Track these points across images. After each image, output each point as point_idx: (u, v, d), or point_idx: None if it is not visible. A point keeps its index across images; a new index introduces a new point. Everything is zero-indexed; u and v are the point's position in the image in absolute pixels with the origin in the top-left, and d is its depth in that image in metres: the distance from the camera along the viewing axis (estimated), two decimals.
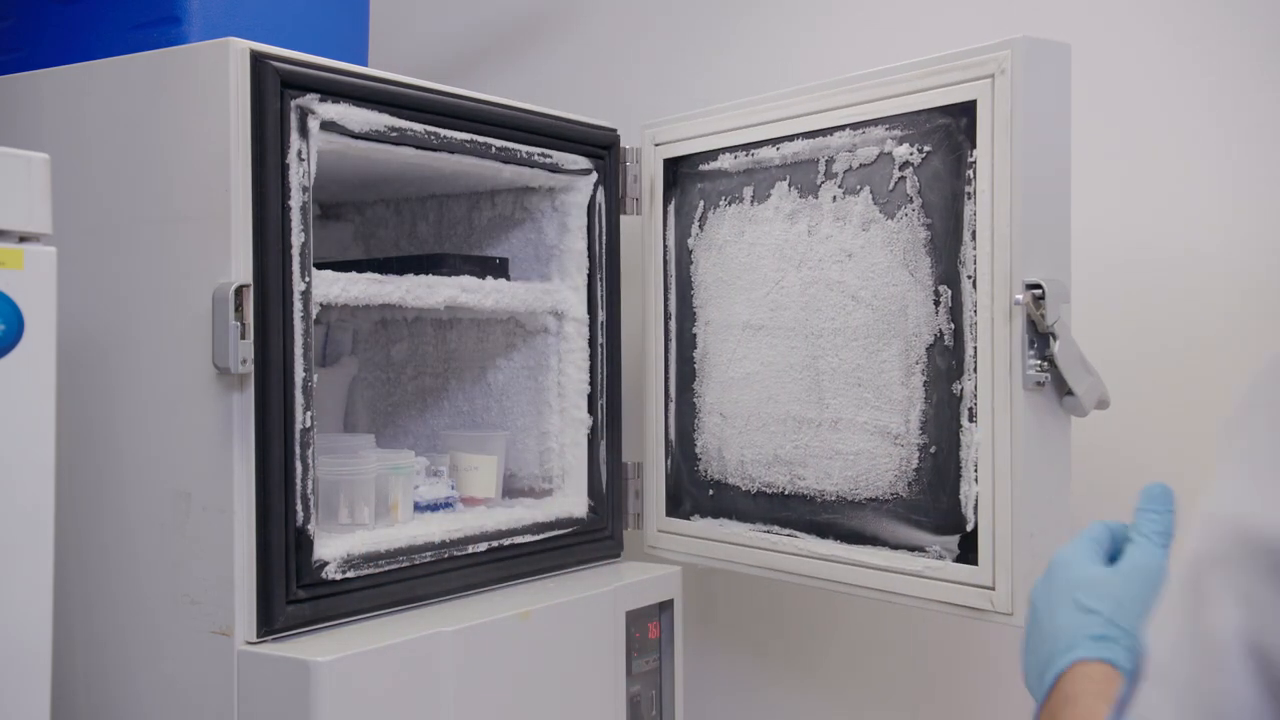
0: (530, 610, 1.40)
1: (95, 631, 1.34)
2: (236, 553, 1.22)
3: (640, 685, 1.56)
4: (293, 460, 1.25)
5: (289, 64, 1.25)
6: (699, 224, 1.62)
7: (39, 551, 1.07)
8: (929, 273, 1.34)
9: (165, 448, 1.28)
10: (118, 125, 1.32)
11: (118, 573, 1.32)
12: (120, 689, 1.33)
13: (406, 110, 1.38)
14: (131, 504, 1.30)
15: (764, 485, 1.53)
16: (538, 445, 1.68)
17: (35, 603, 1.07)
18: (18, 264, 1.05)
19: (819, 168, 1.46)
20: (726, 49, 1.94)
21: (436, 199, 1.79)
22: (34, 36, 1.50)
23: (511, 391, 1.72)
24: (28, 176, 1.07)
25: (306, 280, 1.26)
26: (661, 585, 1.60)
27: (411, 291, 1.43)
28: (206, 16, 1.40)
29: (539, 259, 1.68)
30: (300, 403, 1.25)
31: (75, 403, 1.28)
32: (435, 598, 1.41)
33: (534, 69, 2.14)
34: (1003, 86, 1.25)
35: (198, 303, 1.23)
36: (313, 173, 1.27)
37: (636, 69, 2.04)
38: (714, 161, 1.59)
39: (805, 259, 1.47)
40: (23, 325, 1.05)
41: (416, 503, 1.50)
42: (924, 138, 1.34)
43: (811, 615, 1.89)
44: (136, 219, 1.30)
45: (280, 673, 1.20)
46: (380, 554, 1.34)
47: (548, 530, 1.56)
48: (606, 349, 1.65)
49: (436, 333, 1.80)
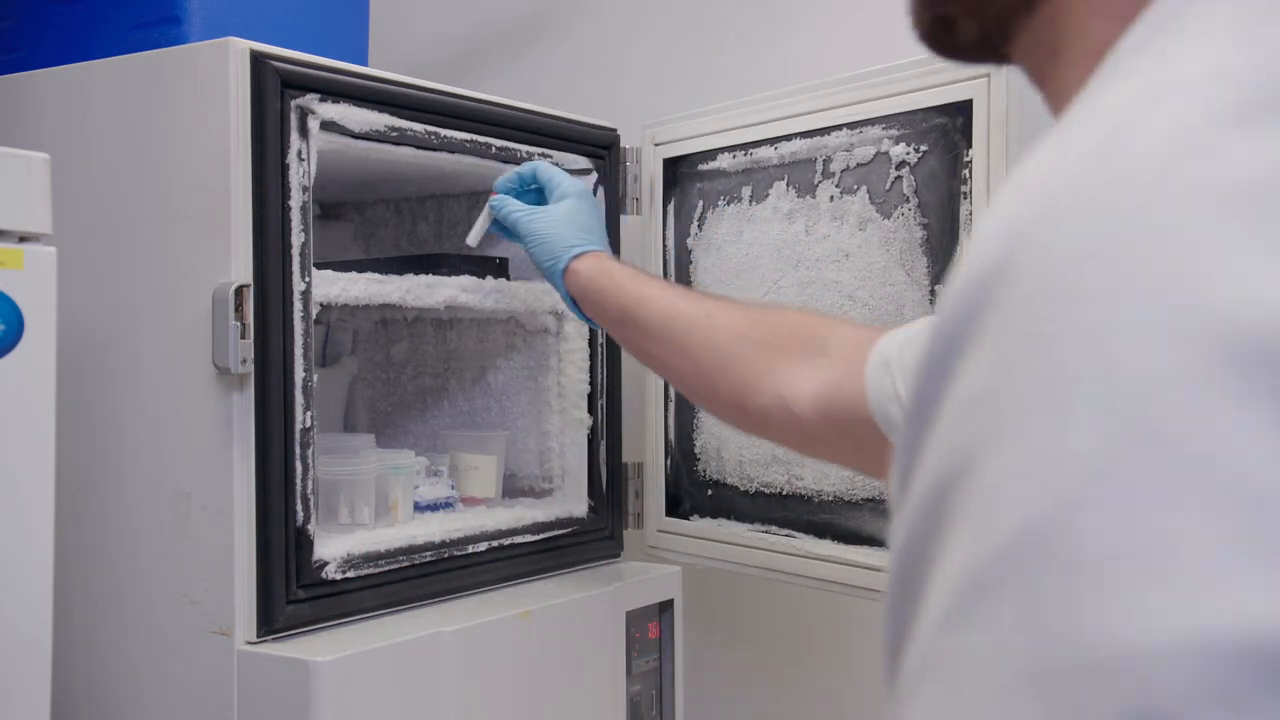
0: (530, 610, 1.40)
1: (95, 631, 1.34)
2: (236, 553, 1.23)
3: (640, 685, 1.56)
4: (293, 460, 1.25)
5: (289, 64, 1.26)
6: (698, 224, 1.62)
7: (39, 551, 1.07)
8: (925, 272, 1.34)
9: (165, 448, 1.28)
10: (118, 125, 1.33)
11: (118, 572, 1.32)
12: (120, 689, 1.33)
13: (406, 110, 1.38)
14: (131, 504, 1.31)
15: (762, 485, 1.53)
16: (538, 445, 1.68)
17: (35, 602, 1.07)
18: (18, 264, 1.05)
19: (816, 167, 1.46)
20: (726, 49, 1.94)
21: (436, 199, 1.79)
22: (34, 36, 1.51)
23: (511, 391, 1.72)
24: (28, 176, 1.08)
25: (306, 280, 1.26)
26: (661, 585, 1.60)
27: (411, 291, 1.43)
28: (206, 16, 1.40)
29: None
30: (300, 403, 1.25)
31: (75, 403, 1.28)
32: (435, 598, 1.41)
33: (534, 69, 2.14)
34: (998, 86, 1.25)
35: (198, 303, 1.23)
36: (313, 173, 1.27)
37: (636, 69, 2.04)
38: (713, 161, 1.59)
39: (803, 259, 1.47)
40: (23, 325, 1.05)
41: (416, 503, 1.50)
42: (920, 137, 1.34)
43: (811, 615, 1.89)
44: (136, 219, 1.30)
45: (280, 672, 1.20)
46: (380, 554, 1.35)
47: (548, 530, 1.56)
48: (606, 349, 1.65)
49: (436, 333, 1.80)
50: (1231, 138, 0.31)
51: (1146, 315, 0.30)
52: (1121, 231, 0.31)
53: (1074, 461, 0.30)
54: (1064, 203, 0.33)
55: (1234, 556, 0.28)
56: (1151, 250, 0.31)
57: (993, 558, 0.31)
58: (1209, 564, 0.28)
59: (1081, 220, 0.32)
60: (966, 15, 0.51)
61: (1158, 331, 0.30)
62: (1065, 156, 0.35)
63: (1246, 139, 0.31)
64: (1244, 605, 0.27)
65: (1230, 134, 0.32)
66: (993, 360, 0.33)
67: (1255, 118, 0.32)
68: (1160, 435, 0.29)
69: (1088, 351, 0.31)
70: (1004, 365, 0.32)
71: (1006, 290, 0.33)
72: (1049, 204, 0.33)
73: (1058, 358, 0.31)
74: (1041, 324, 0.32)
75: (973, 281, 0.34)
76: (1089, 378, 0.30)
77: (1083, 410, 0.30)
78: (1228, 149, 0.31)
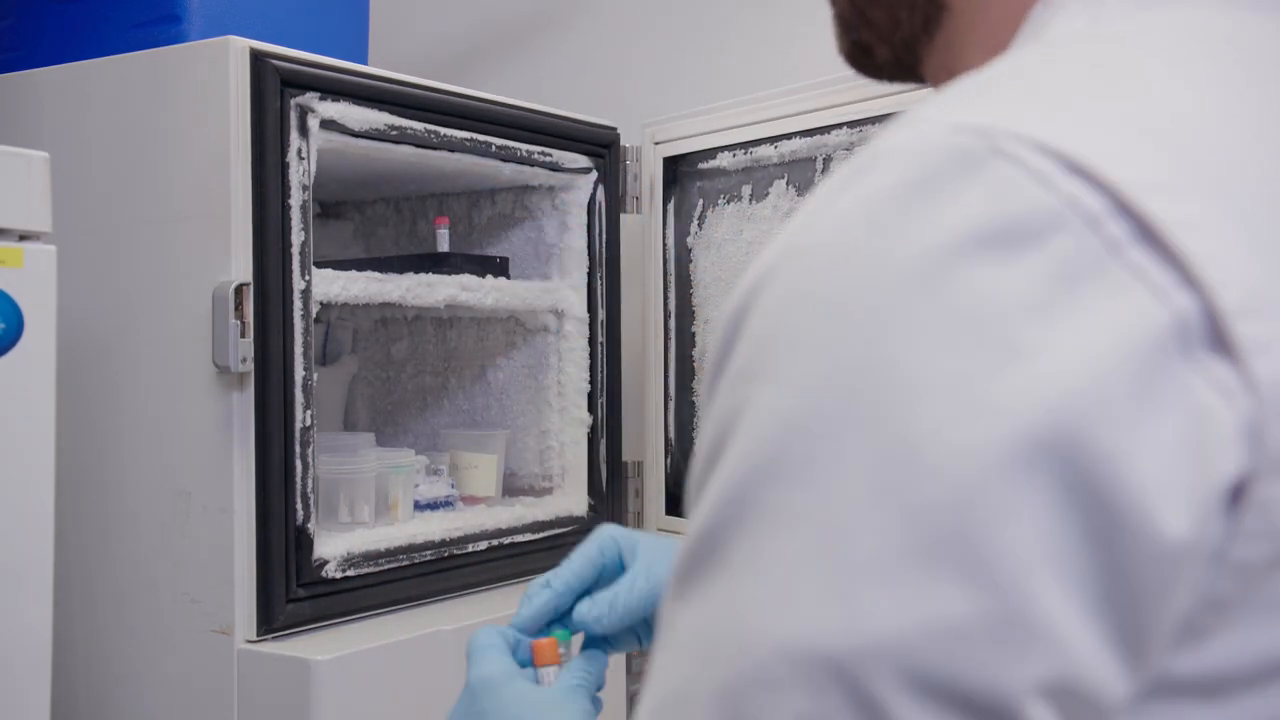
0: None
1: (96, 630, 1.34)
2: (236, 551, 1.22)
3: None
4: (293, 459, 1.25)
5: (289, 62, 1.26)
6: (698, 222, 1.62)
7: (39, 550, 1.07)
8: None
9: (165, 446, 1.28)
10: (118, 124, 1.32)
11: (118, 571, 1.32)
12: (121, 687, 1.33)
13: (406, 109, 1.38)
14: (132, 503, 1.31)
15: None
16: (538, 444, 1.68)
17: (36, 602, 1.07)
18: (18, 262, 1.05)
19: (816, 166, 1.46)
20: (726, 49, 1.94)
21: (436, 197, 1.79)
22: (34, 35, 1.51)
23: (511, 390, 1.72)
24: (28, 175, 1.08)
25: (306, 279, 1.26)
26: None
27: (411, 290, 1.43)
28: (206, 15, 1.40)
29: (539, 257, 1.68)
30: (300, 401, 1.25)
31: (75, 401, 1.28)
32: (435, 596, 1.41)
33: (534, 67, 2.14)
34: None
35: (198, 301, 1.23)
36: (313, 171, 1.27)
37: (636, 68, 2.04)
38: (713, 160, 1.59)
39: None
40: (23, 324, 1.05)
41: (416, 501, 1.50)
42: None
43: None
44: (136, 218, 1.30)
45: (280, 671, 1.20)
46: (380, 553, 1.34)
47: (547, 529, 1.56)
48: (606, 347, 1.65)
49: (437, 331, 1.80)
50: (893, 216, 0.36)
51: (805, 366, 0.36)
52: (800, 293, 0.38)
53: (727, 485, 0.37)
54: (778, 262, 0.39)
55: (807, 577, 0.35)
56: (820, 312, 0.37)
57: (692, 551, 0.39)
58: (791, 580, 0.35)
59: (782, 279, 0.39)
60: (879, 41, 0.56)
61: (804, 381, 0.36)
62: (798, 214, 0.41)
63: (908, 218, 0.36)
64: (803, 616, 0.35)
65: (893, 212, 0.36)
66: (725, 389, 0.40)
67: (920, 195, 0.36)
68: (784, 468, 0.36)
69: (761, 391, 0.37)
70: (728, 395, 0.39)
71: (745, 326, 0.40)
72: (771, 261, 0.40)
73: (739, 395, 0.38)
74: (748, 363, 0.39)
75: (729, 317, 0.41)
76: (753, 414, 0.37)
77: (744, 441, 0.37)
78: (888, 227, 0.36)
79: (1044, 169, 0.35)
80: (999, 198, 0.35)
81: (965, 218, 0.35)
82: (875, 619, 0.34)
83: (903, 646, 0.33)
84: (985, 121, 0.37)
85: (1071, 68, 0.41)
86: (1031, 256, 0.35)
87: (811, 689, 0.34)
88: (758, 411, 0.37)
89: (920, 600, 0.34)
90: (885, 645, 0.34)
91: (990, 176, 0.36)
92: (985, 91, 0.40)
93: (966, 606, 0.33)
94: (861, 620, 0.34)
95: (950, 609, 0.33)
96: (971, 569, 0.33)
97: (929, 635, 0.33)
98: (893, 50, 0.56)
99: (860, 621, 0.34)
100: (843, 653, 0.34)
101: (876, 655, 0.34)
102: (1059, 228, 0.35)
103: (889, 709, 0.33)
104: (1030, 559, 0.33)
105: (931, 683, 0.33)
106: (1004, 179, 0.36)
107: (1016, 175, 0.35)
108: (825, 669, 0.34)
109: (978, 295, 0.35)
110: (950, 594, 0.33)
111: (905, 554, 0.34)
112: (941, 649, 0.33)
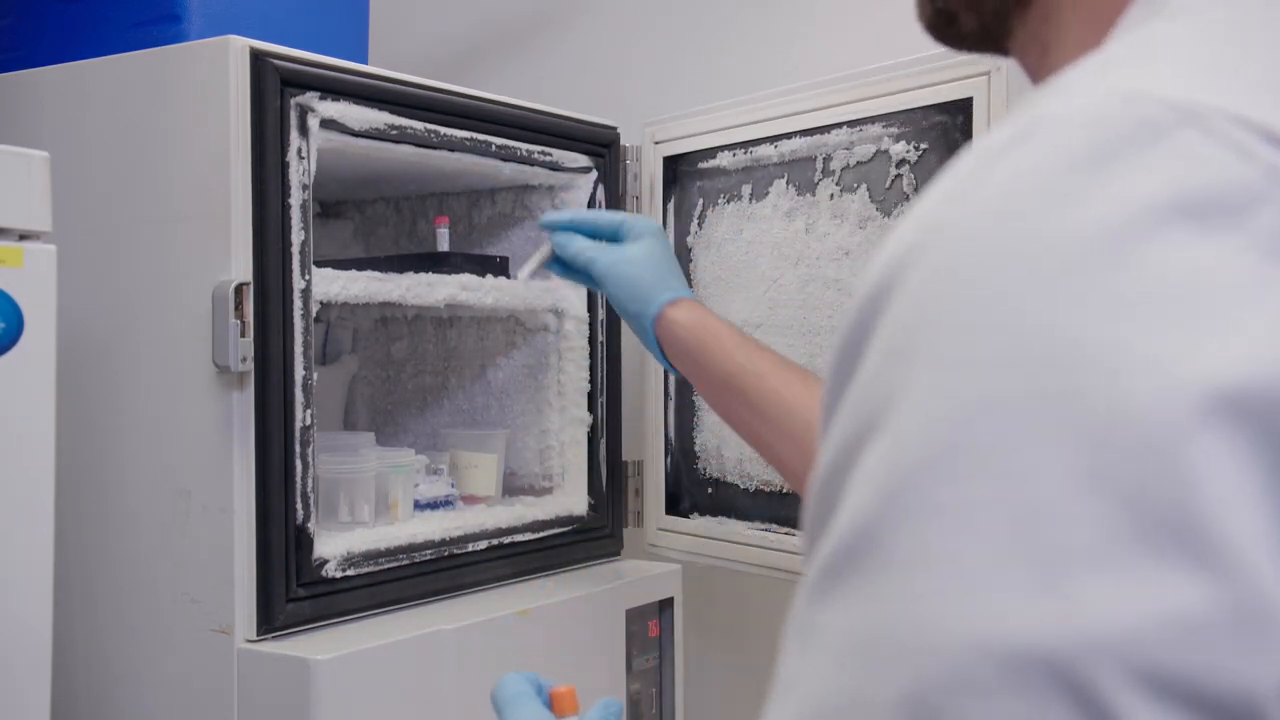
0: (530, 608, 1.40)
1: (95, 630, 1.34)
2: (236, 551, 1.23)
3: (640, 684, 1.56)
4: (293, 458, 1.25)
5: (289, 62, 1.26)
6: (698, 222, 1.62)
7: (39, 550, 1.07)
8: None
9: (165, 446, 1.28)
10: (117, 123, 1.32)
11: (118, 571, 1.32)
12: (120, 687, 1.33)
13: (406, 108, 1.38)
14: (131, 502, 1.31)
15: (762, 483, 1.53)
16: (537, 443, 1.68)
17: (35, 602, 1.07)
18: (17, 262, 1.05)
19: (816, 165, 1.46)
20: (726, 48, 1.94)
21: (436, 197, 1.79)
22: (34, 35, 1.51)
23: (511, 390, 1.72)
24: (27, 174, 1.08)
25: (306, 278, 1.26)
26: (661, 583, 1.60)
27: (411, 290, 1.43)
28: (206, 14, 1.40)
29: None
30: (300, 401, 1.25)
31: (75, 401, 1.28)
32: (435, 596, 1.41)
33: (534, 67, 2.14)
34: (998, 84, 1.25)
35: (197, 301, 1.23)
36: (313, 171, 1.27)
37: (636, 68, 2.04)
38: (713, 159, 1.59)
39: (803, 257, 1.47)
40: (22, 323, 1.05)
41: (416, 501, 1.50)
42: (920, 135, 1.34)
43: None
44: (136, 217, 1.30)
45: (280, 671, 1.20)
46: (380, 552, 1.35)
47: (548, 528, 1.56)
48: (606, 347, 1.65)
49: (437, 331, 1.80)
50: (1070, 186, 0.34)
51: (977, 348, 0.34)
52: (963, 270, 0.35)
53: (885, 476, 0.35)
54: (926, 238, 0.37)
55: (1005, 570, 0.32)
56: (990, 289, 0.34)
57: (843, 548, 0.36)
58: (985, 575, 0.32)
59: (935, 256, 0.36)
60: (966, 9, 0.55)
61: (979, 364, 0.34)
62: (941, 187, 0.38)
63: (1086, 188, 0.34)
64: (1007, 612, 0.31)
65: (1069, 182, 0.34)
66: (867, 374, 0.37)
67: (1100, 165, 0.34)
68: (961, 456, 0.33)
69: (921, 376, 0.35)
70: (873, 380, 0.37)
71: (888, 307, 0.37)
72: (917, 236, 0.37)
73: (888, 381, 0.36)
74: (898, 347, 0.36)
75: (865, 297, 0.38)
76: (916, 399, 0.35)
77: (906, 428, 0.35)
78: (1065, 197, 0.34)
79: (1241, 139, 0.34)
80: (1195, 169, 0.34)
81: (1158, 188, 0.34)
82: (1097, 612, 0.31)
83: (1132, 642, 0.30)
84: (1165, 90, 0.35)
85: (1227, 34, 0.39)
86: (1235, 228, 0.33)
87: (1028, 692, 0.31)
88: (918, 398, 0.34)
89: (1147, 590, 0.31)
90: (1112, 641, 0.30)
91: (1182, 147, 0.34)
92: (1148, 60, 0.38)
93: (1200, 595, 0.30)
94: (1081, 615, 0.31)
95: (1182, 598, 0.30)
96: (1201, 554, 0.31)
97: (1161, 628, 0.30)
98: (980, 19, 0.54)
99: (1079, 617, 0.31)
100: (1062, 650, 0.31)
101: (1103, 652, 0.30)
102: (1265, 199, 0.33)
103: (1119, 711, 0.30)
104: (1266, 544, 0.31)
105: (1166, 681, 0.30)
106: (1198, 149, 0.34)
107: (1210, 146, 0.34)
108: (1042, 669, 0.31)
109: (1178, 267, 0.33)
110: (1181, 581, 0.31)
111: (1125, 539, 0.31)
112: (1177, 643, 0.30)
